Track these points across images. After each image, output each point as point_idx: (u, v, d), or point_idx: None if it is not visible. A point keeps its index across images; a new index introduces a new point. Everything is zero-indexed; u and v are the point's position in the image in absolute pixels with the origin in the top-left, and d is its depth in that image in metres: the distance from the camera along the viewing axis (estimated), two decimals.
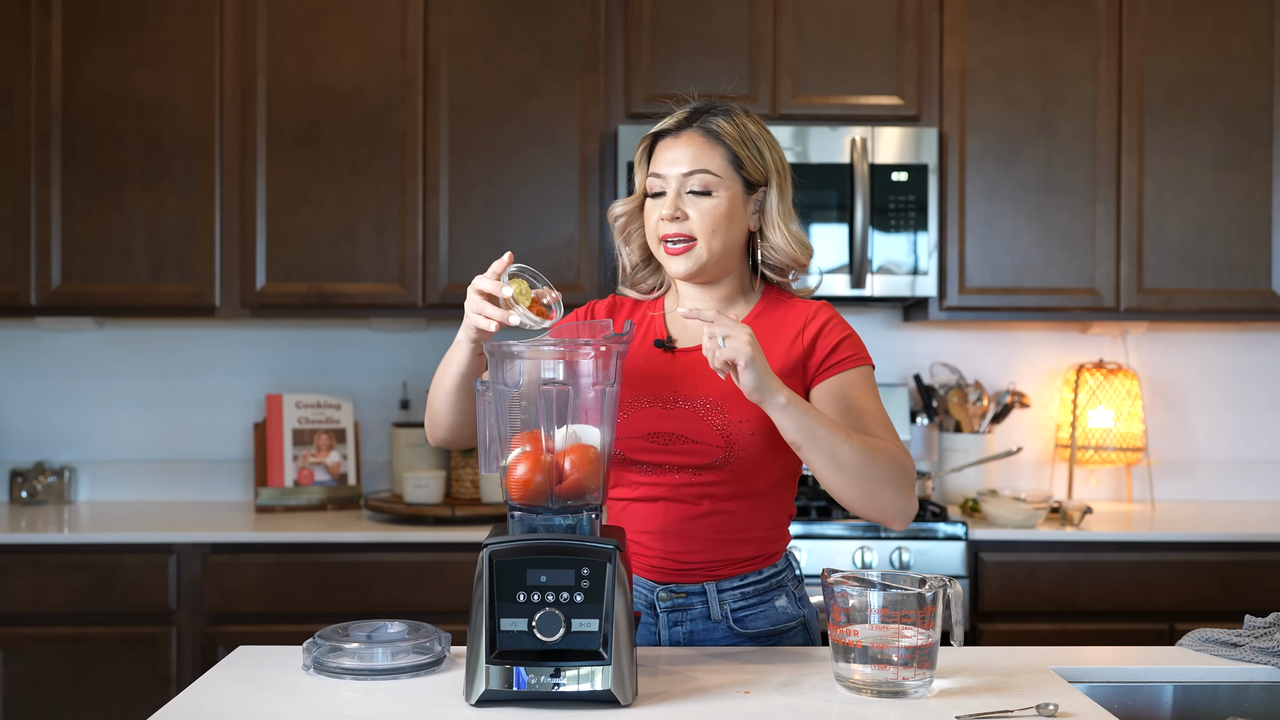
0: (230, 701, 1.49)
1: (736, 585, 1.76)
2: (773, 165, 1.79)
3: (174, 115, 3.17)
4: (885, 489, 1.63)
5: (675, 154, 1.75)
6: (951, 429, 3.45)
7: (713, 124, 1.76)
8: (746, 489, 1.75)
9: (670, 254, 1.74)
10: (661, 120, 1.80)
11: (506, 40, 3.20)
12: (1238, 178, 3.24)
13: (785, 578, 1.81)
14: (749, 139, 1.77)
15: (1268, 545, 2.98)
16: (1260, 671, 1.67)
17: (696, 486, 1.74)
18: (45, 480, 3.41)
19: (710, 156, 1.74)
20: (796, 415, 1.57)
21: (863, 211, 3.11)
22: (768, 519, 1.78)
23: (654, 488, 1.75)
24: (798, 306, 1.81)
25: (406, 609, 2.84)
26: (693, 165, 1.73)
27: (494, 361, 1.51)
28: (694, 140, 1.75)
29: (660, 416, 1.73)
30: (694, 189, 1.73)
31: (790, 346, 1.76)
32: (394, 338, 3.55)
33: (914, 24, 3.22)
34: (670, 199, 1.74)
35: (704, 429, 1.72)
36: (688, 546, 1.75)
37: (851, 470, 1.61)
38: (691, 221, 1.73)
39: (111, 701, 2.88)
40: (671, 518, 1.74)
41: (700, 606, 1.76)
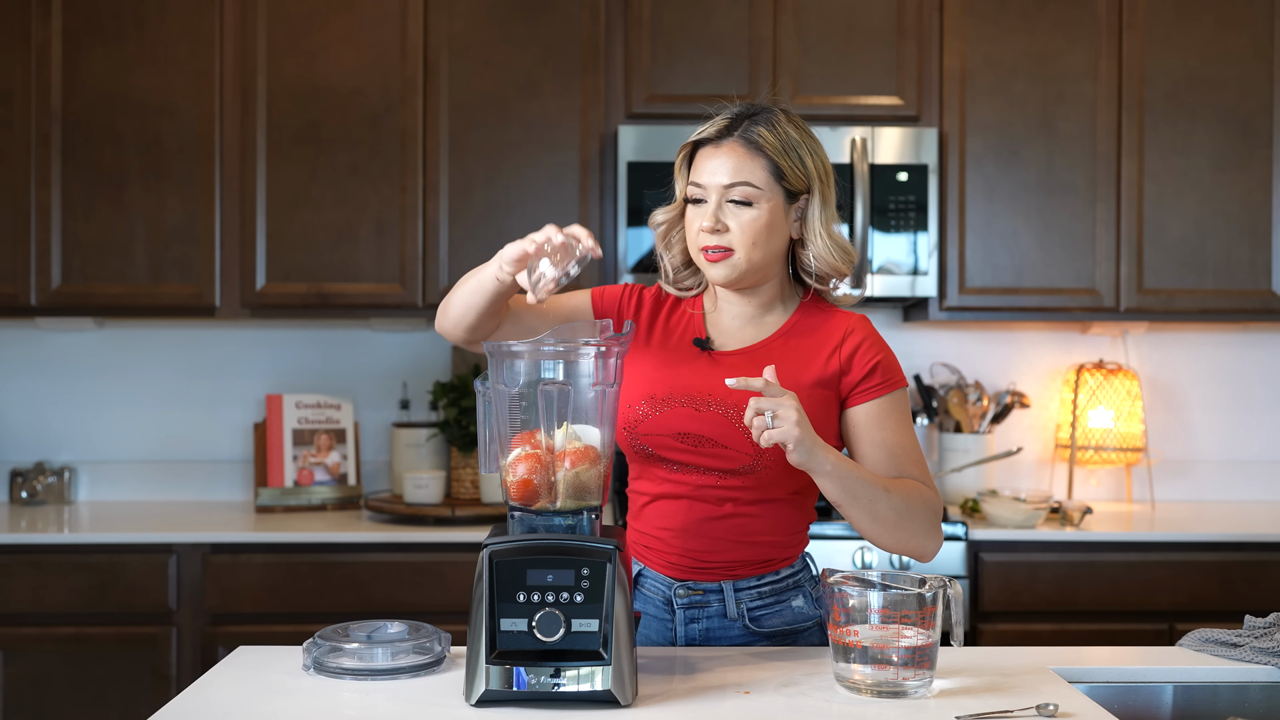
0: (230, 702, 1.49)
1: (754, 585, 1.77)
2: (815, 173, 1.76)
3: (174, 115, 3.17)
4: (918, 535, 1.69)
5: (716, 164, 1.72)
6: (951, 429, 3.45)
7: (754, 133, 1.72)
8: (770, 495, 1.75)
9: (710, 261, 1.73)
10: (703, 127, 1.76)
11: (506, 40, 3.20)
12: (1238, 178, 3.24)
13: (802, 578, 1.82)
14: (791, 147, 1.74)
15: (1267, 545, 2.98)
16: (1260, 672, 1.67)
17: (721, 490, 1.74)
18: (45, 480, 3.41)
19: (751, 168, 1.71)
20: (840, 479, 1.60)
21: (863, 211, 3.11)
22: (788, 524, 1.79)
23: (678, 486, 1.76)
24: (835, 317, 1.80)
25: (406, 609, 2.84)
26: (733, 177, 1.71)
27: (494, 361, 1.51)
28: (735, 150, 1.72)
29: (692, 418, 1.73)
30: (734, 200, 1.71)
31: (827, 360, 1.75)
32: (394, 338, 3.55)
33: (914, 24, 3.22)
34: (710, 210, 1.72)
35: (735, 436, 1.71)
36: (708, 546, 1.75)
37: (888, 523, 1.66)
38: (732, 234, 1.71)
39: (112, 702, 2.88)
40: (693, 517, 1.75)
41: (717, 604, 1.76)
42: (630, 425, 1.76)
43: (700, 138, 1.76)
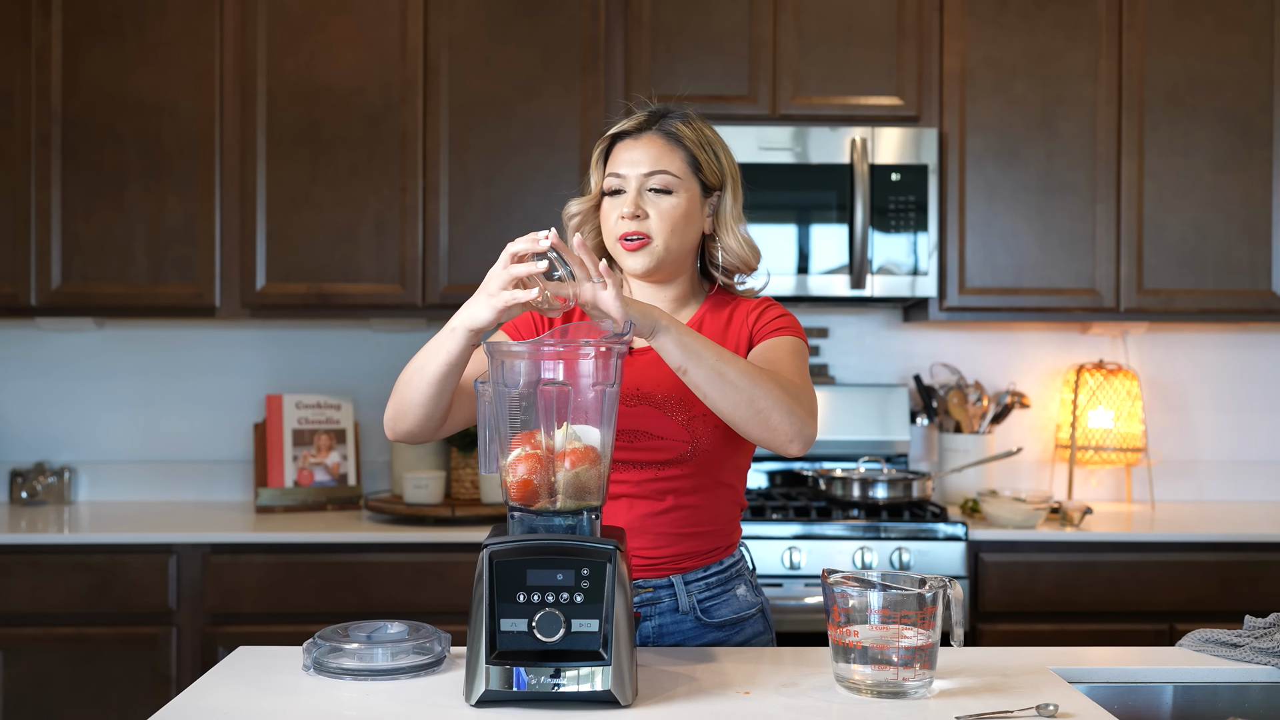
0: (230, 702, 1.49)
1: (701, 576, 1.80)
2: (728, 170, 1.83)
3: (174, 115, 3.17)
4: (776, 410, 1.58)
5: (636, 154, 1.78)
6: (951, 429, 3.45)
7: (672, 127, 1.80)
8: (707, 481, 1.78)
9: (628, 250, 1.77)
10: (620, 122, 1.83)
11: (506, 40, 3.20)
12: (1238, 178, 3.24)
13: (741, 567, 1.87)
14: (706, 143, 1.81)
15: (1268, 545, 2.98)
16: (1260, 672, 1.67)
17: (661, 482, 1.76)
18: (45, 480, 3.41)
19: (670, 158, 1.78)
20: (678, 336, 1.56)
21: (863, 212, 3.11)
22: (725, 510, 1.83)
23: (617, 485, 1.78)
24: (745, 303, 1.86)
25: (406, 609, 2.84)
26: (654, 165, 1.77)
27: (494, 361, 1.51)
28: (654, 142, 1.79)
29: (623, 415, 1.76)
30: (654, 188, 1.77)
31: (740, 334, 1.80)
32: (394, 338, 3.55)
33: (914, 24, 3.22)
34: (630, 197, 1.77)
35: (668, 425, 1.75)
36: (653, 542, 1.78)
37: (740, 389, 1.57)
38: (650, 221, 1.76)
39: (112, 702, 2.88)
40: (635, 514, 1.77)
41: (668, 600, 1.79)
42: None
43: (619, 130, 1.82)
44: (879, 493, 3.08)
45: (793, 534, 2.94)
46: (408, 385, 1.66)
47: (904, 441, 3.43)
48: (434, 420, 1.68)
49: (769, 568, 2.91)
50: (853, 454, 3.39)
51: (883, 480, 3.08)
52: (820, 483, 3.16)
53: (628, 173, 1.78)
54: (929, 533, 2.94)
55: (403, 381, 1.67)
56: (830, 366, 3.57)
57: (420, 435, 1.71)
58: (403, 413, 1.68)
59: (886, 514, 3.02)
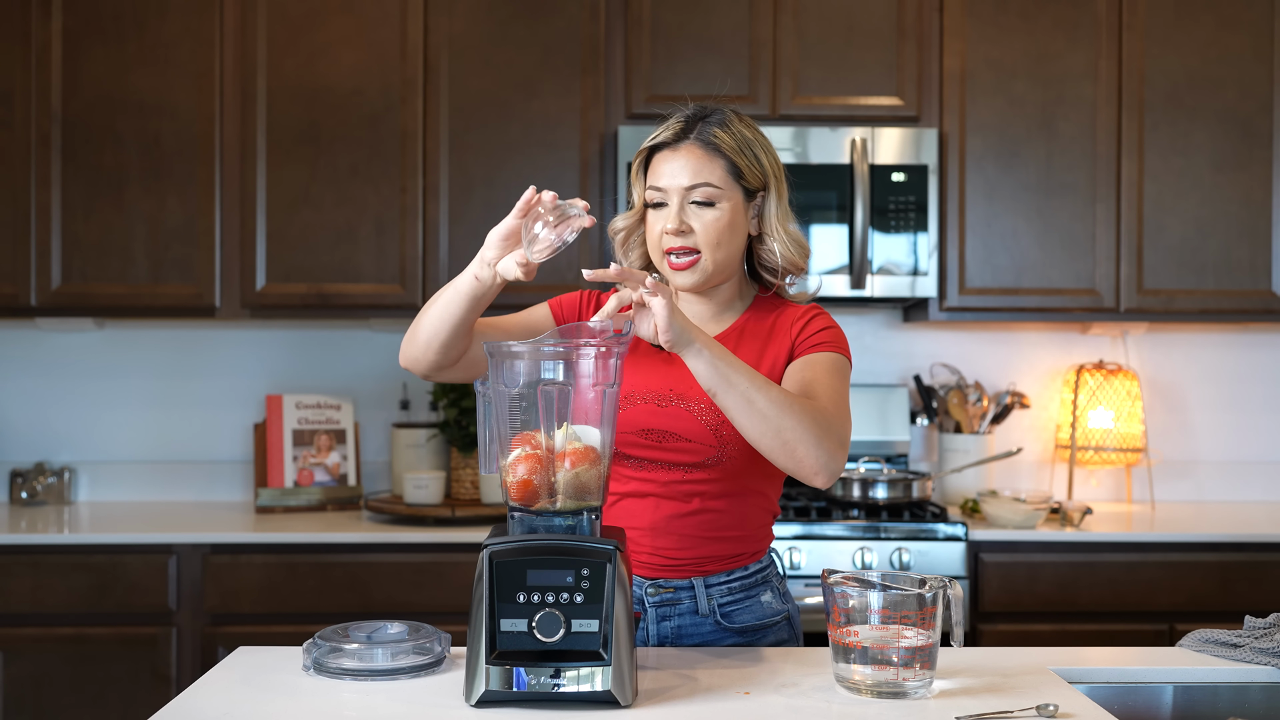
0: (230, 702, 1.49)
1: (724, 580, 1.79)
2: (770, 170, 1.79)
3: (174, 116, 3.17)
4: (803, 442, 1.57)
5: (675, 166, 1.74)
6: (951, 429, 3.45)
7: (710, 134, 1.75)
8: (736, 487, 1.77)
9: (675, 269, 1.74)
10: (657, 132, 1.78)
11: (506, 41, 3.20)
12: (1238, 178, 3.24)
13: (770, 573, 1.84)
14: (746, 146, 1.77)
15: (1267, 546, 2.98)
16: (1260, 672, 1.67)
17: (687, 484, 1.76)
18: (45, 481, 3.41)
19: (711, 168, 1.74)
20: (711, 361, 1.55)
21: (863, 212, 3.11)
22: (754, 517, 1.81)
23: (644, 484, 1.77)
24: (790, 310, 1.83)
25: (406, 609, 2.84)
26: (694, 178, 1.73)
27: (494, 362, 1.51)
28: (693, 152, 1.74)
29: (654, 414, 1.75)
30: (696, 200, 1.74)
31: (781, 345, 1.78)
32: (394, 338, 3.55)
33: (914, 25, 3.22)
34: (673, 211, 1.74)
35: (698, 428, 1.73)
36: (677, 543, 1.77)
37: (768, 418, 1.56)
38: (696, 235, 1.73)
39: (112, 702, 2.88)
40: (661, 514, 1.76)
41: (688, 601, 1.78)
42: None
43: (656, 142, 1.77)
44: (879, 493, 3.08)
45: (793, 534, 2.94)
46: (424, 313, 1.70)
47: (904, 442, 3.43)
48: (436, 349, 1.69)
49: None
50: (853, 454, 3.39)
51: (883, 480, 3.09)
52: None
53: (668, 185, 1.74)
54: (929, 533, 2.94)
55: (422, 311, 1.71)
56: None
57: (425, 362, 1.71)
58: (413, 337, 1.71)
59: (886, 514, 3.02)
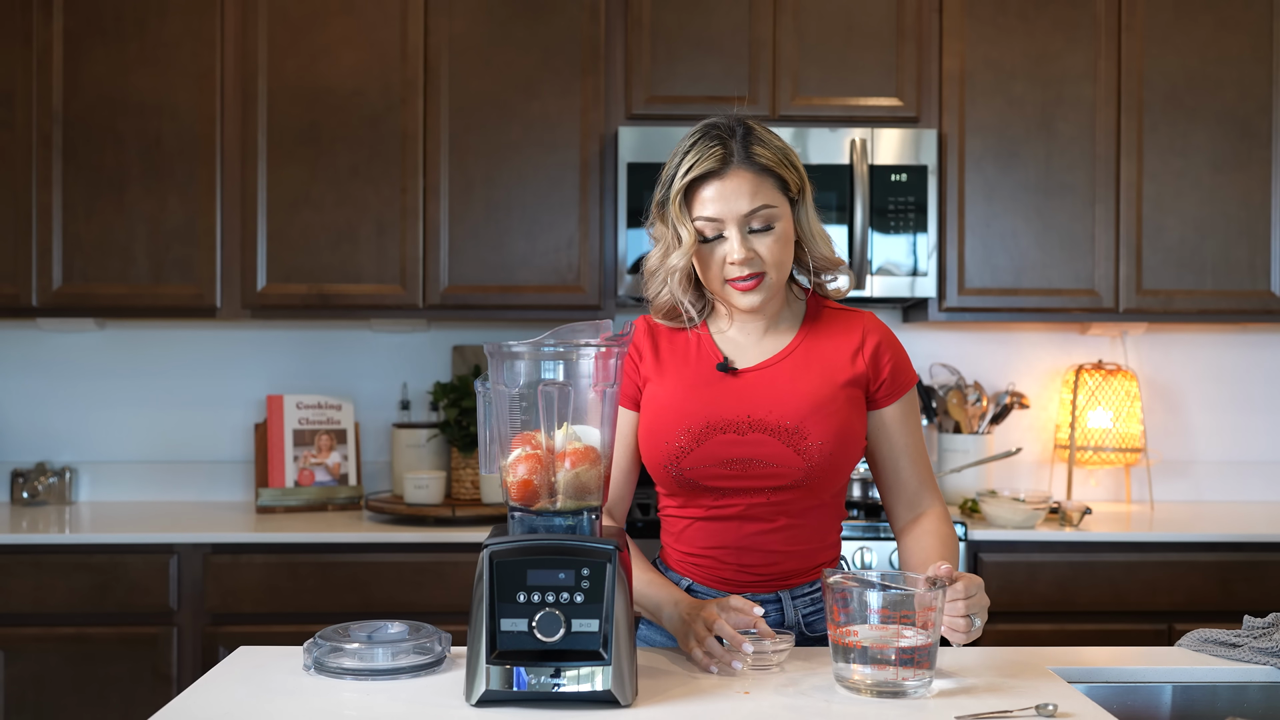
0: (231, 702, 1.49)
1: (807, 591, 1.80)
2: (804, 174, 1.77)
3: (175, 116, 3.18)
4: None
5: (728, 193, 1.68)
6: (951, 429, 3.45)
7: (754, 153, 1.69)
8: (818, 500, 1.78)
9: (741, 290, 1.71)
10: (692, 162, 1.69)
11: (506, 42, 3.20)
12: (1236, 179, 3.25)
13: None
14: (784, 156, 1.73)
15: (1266, 546, 2.98)
16: (1259, 672, 1.67)
17: (773, 506, 1.75)
18: (46, 481, 3.42)
19: (764, 190, 1.69)
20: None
21: (862, 212, 3.12)
22: (832, 525, 1.83)
23: (727, 508, 1.76)
24: (847, 316, 1.82)
25: (407, 609, 2.84)
26: (752, 203, 1.69)
27: (494, 362, 1.52)
28: (744, 177, 1.69)
29: (736, 443, 1.72)
30: (755, 227, 1.70)
31: (854, 361, 1.77)
32: (394, 339, 3.56)
33: (913, 25, 3.23)
34: (736, 242, 1.68)
35: (783, 453, 1.71)
36: (764, 559, 1.77)
37: None
38: (762, 260, 1.70)
39: (112, 702, 2.88)
40: (746, 533, 1.76)
41: (775, 614, 1.78)
42: (672, 460, 1.74)
43: (701, 173, 1.69)
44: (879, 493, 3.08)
45: None
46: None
47: None
48: None
49: None
50: None
51: None
52: None
53: (724, 215, 1.69)
54: None
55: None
56: None
57: None
58: None
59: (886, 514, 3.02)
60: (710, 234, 1.71)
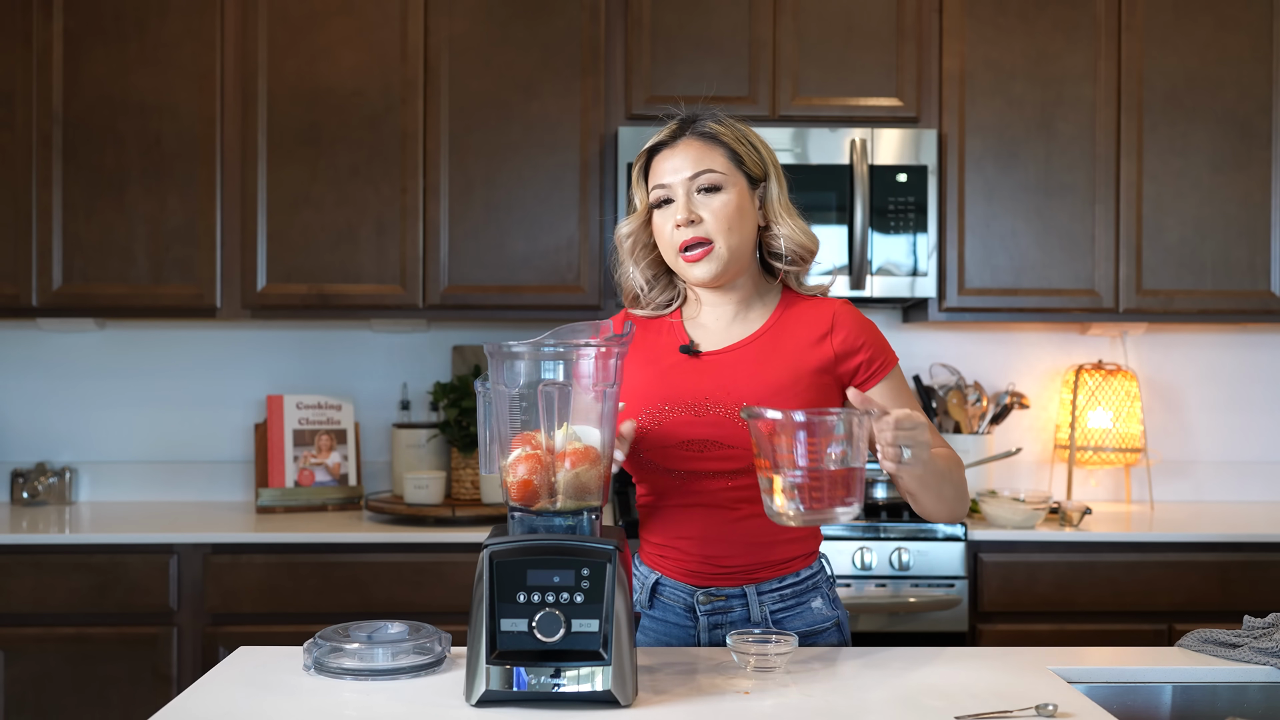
0: (231, 702, 1.49)
1: (775, 587, 1.78)
2: (768, 159, 1.82)
3: (175, 116, 3.18)
4: (961, 502, 1.77)
5: (676, 160, 1.77)
6: (951, 430, 3.45)
7: (705, 128, 1.79)
8: None
9: (690, 261, 1.75)
10: (654, 135, 1.81)
11: (507, 42, 3.20)
12: (1236, 179, 3.25)
13: (820, 579, 1.83)
14: (743, 137, 1.80)
15: (1266, 546, 2.98)
16: (1259, 672, 1.67)
17: (733, 491, 1.75)
18: (46, 481, 3.42)
19: (712, 156, 1.76)
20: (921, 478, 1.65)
21: (862, 212, 3.12)
22: None
23: (689, 495, 1.76)
24: (817, 303, 1.82)
25: (407, 609, 2.84)
26: (696, 167, 1.75)
27: (494, 362, 1.52)
28: (692, 145, 1.77)
29: (692, 423, 1.73)
30: (702, 188, 1.75)
31: (820, 346, 1.77)
32: (394, 339, 3.56)
33: (913, 26, 3.23)
34: (682, 203, 1.74)
35: (740, 434, 1.72)
36: (727, 551, 1.76)
37: (948, 501, 1.74)
38: (706, 223, 1.74)
39: (112, 702, 2.88)
40: (711, 523, 1.76)
41: (740, 609, 1.77)
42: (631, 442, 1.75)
43: (655, 143, 1.80)
44: (878, 493, 3.08)
45: None
46: None
47: None
48: None
49: None
50: None
51: (882, 480, 3.09)
52: None
53: (672, 180, 1.76)
54: (928, 533, 2.94)
55: None
56: None
57: None
58: None
59: (886, 514, 3.02)
60: (661, 199, 1.78)
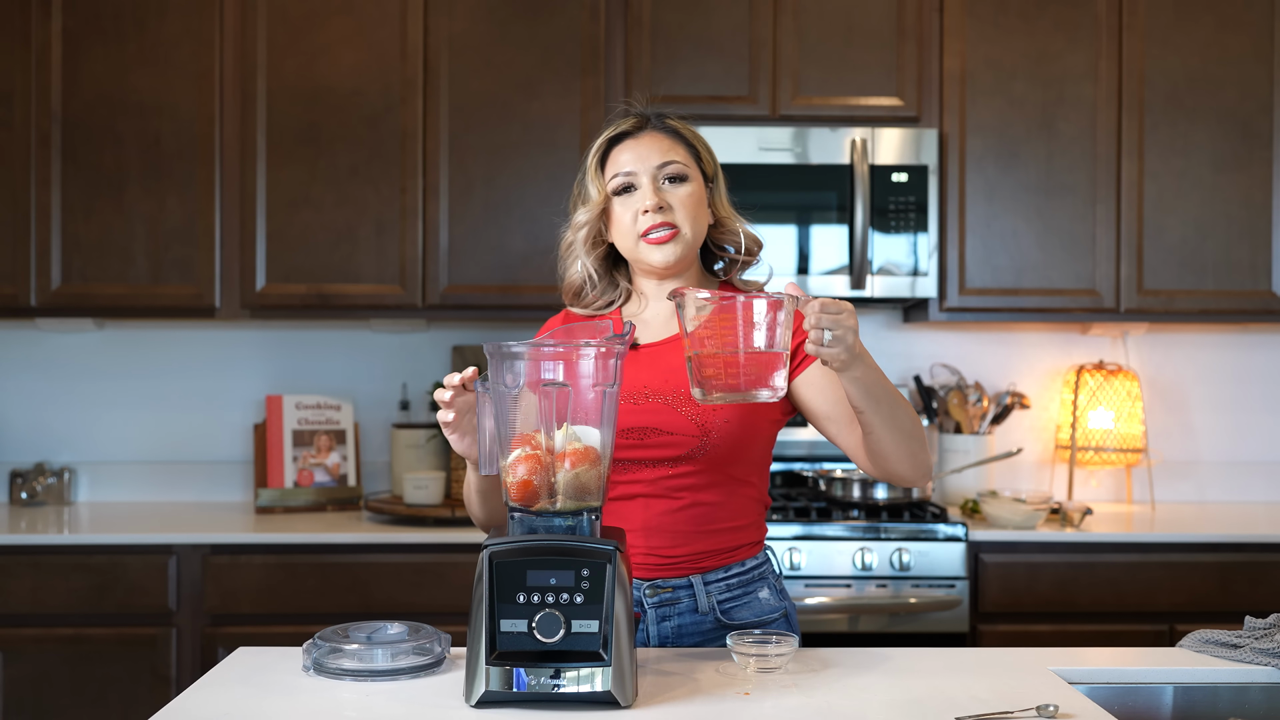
0: (230, 703, 1.49)
1: (721, 577, 1.79)
2: (716, 161, 1.88)
3: (174, 116, 3.17)
4: (923, 446, 1.69)
5: (642, 150, 1.80)
6: (952, 430, 3.45)
7: (668, 124, 1.84)
8: (723, 477, 1.77)
9: (654, 243, 1.77)
10: (613, 126, 1.84)
11: (506, 41, 3.20)
12: (1238, 179, 3.24)
13: (766, 570, 1.85)
14: (697, 138, 1.86)
15: (1268, 546, 2.98)
16: (1260, 673, 1.67)
17: (674, 479, 1.76)
18: (45, 481, 3.41)
19: (676, 149, 1.82)
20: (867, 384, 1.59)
21: (863, 212, 3.11)
22: (746, 507, 1.82)
23: (632, 485, 1.77)
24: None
25: (406, 610, 2.84)
26: (664, 156, 1.79)
27: (494, 362, 1.51)
28: (656, 136, 1.82)
29: (631, 412, 1.76)
30: (669, 176, 1.79)
31: None
32: (394, 339, 3.55)
33: (914, 25, 3.22)
34: (649, 189, 1.77)
35: (678, 420, 1.74)
36: (671, 541, 1.77)
37: (905, 431, 1.65)
38: (674, 210, 1.77)
39: (111, 703, 2.88)
40: (652, 513, 1.77)
41: (687, 600, 1.78)
42: None
43: (617, 133, 1.83)
44: (879, 493, 3.08)
45: (793, 535, 2.94)
46: (467, 498, 1.81)
47: None
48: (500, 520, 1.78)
49: None
50: None
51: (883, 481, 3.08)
52: (820, 483, 3.16)
53: (638, 168, 1.79)
54: (929, 533, 2.94)
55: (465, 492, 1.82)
56: None
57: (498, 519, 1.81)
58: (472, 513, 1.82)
59: (886, 515, 3.02)
60: (623, 186, 1.79)
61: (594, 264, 1.85)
